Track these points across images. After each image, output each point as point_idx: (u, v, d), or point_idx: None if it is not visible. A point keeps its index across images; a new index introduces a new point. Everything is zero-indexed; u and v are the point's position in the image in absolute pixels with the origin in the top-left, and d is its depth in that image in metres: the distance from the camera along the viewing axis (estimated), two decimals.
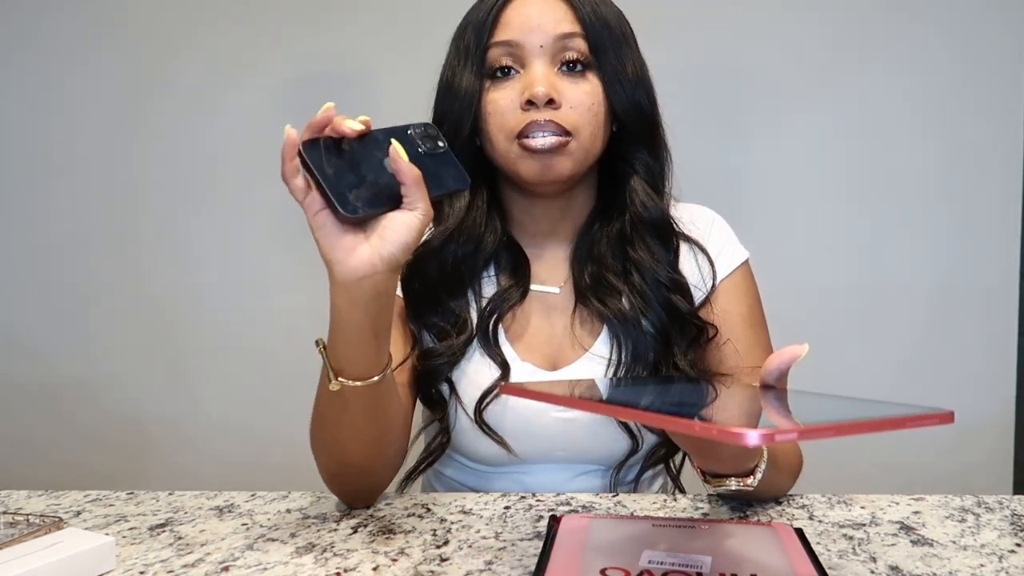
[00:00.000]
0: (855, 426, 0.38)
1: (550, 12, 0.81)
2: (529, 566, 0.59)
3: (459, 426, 0.84)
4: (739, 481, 0.63)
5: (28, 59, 1.76)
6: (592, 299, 0.85)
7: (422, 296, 0.85)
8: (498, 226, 0.88)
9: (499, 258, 0.89)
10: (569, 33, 0.80)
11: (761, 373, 0.53)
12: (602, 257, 0.87)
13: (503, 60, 0.81)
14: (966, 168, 1.59)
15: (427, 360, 0.84)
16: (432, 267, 0.85)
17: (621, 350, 0.84)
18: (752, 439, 0.36)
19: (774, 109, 1.61)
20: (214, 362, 1.76)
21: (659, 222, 0.86)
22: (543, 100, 0.78)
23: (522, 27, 0.80)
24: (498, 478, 0.87)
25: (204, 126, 1.73)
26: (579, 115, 0.80)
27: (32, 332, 1.80)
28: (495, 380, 0.82)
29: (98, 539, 0.59)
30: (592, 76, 0.82)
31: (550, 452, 0.85)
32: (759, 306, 0.90)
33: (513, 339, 0.86)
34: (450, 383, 0.84)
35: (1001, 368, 1.61)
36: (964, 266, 1.60)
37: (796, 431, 0.37)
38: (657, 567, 0.52)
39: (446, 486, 0.92)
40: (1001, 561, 0.60)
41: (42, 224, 1.79)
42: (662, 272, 0.84)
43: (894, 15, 1.58)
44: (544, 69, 0.80)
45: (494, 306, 0.85)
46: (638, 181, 0.86)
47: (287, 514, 0.72)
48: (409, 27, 1.63)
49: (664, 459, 0.87)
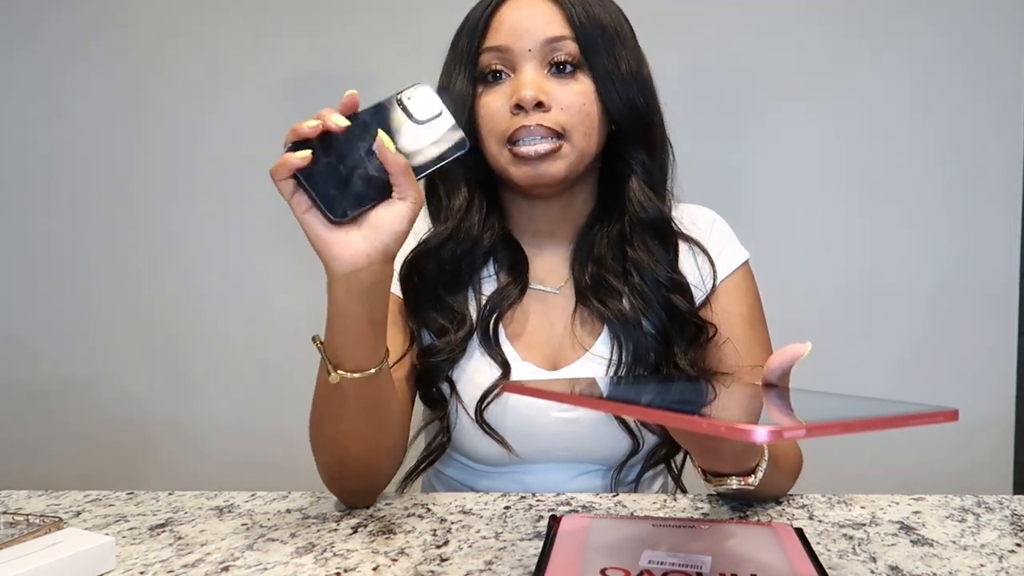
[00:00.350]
0: (861, 424, 0.38)
1: (539, 16, 0.81)
2: (529, 566, 0.59)
3: (460, 426, 0.84)
4: (740, 480, 0.63)
5: (26, 58, 1.76)
6: (593, 300, 0.85)
7: (421, 294, 0.85)
8: (496, 225, 0.88)
9: (498, 256, 0.89)
10: (558, 36, 0.80)
11: (763, 372, 0.53)
12: (602, 258, 0.87)
13: (493, 64, 0.82)
14: (966, 168, 1.59)
15: (427, 357, 0.84)
16: (431, 265, 0.85)
17: (622, 350, 0.84)
18: (760, 436, 0.36)
19: (774, 109, 1.61)
20: (214, 362, 1.76)
21: (657, 222, 0.86)
22: (531, 104, 0.78)
23: (511, 32, 0.81)
24: (499, 478, 0.87)
25: (203, 126, 1.73)
26: (569, 116, 0.80)
27: (31, 333, 1.80)
28: (496, 379, 0.82)
29: (98, 539, 0.59)
30: (583, 77, 0.81)
31: (551, 452, 0.85)
32: (759, 306, 0.90)
33: (513, 339, 0.86)
34: (450, 382, 0.84)
35: (1001, 368, 1.61)
36: (964, 266, 1.60)
37: (803, 428, 0.37)
38: (657, 567, 0.52)
39: (446, 486, 0.92)
40: (1001, 561, 0.60)
41: (41, 224, 1.79)
42: (661, 272, 0.84)
43: (894, 15, 1.58)
44: (533, 73, 0.80)
45: (493, 304, 0.85)
46: (636, 181, 0.86)
47: (287, 514, 0.72)
48: (409, 27, 1.63)
49: (665, 459, 0.87)
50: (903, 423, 0.39)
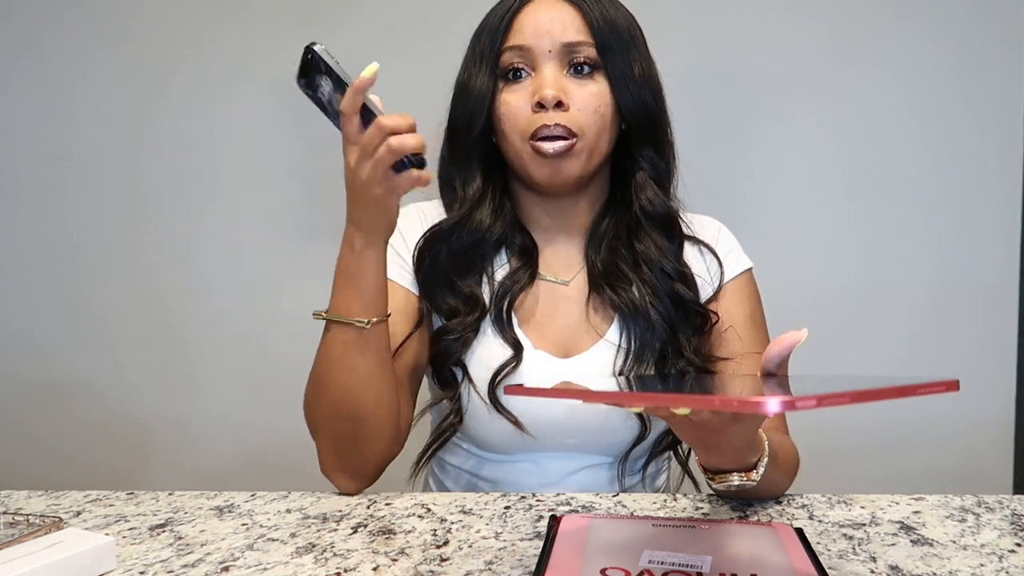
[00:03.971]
0: (869, 394, 0.38)
1: (559, 19, 0.84)
2: (529, 566, 0.59)
3: (471, 409, 0.86)
4: (742, 476, 0.65)
5: (32, 60, 1.76)
6: (605, 287, 0.88)
7: (434, 277, 0.88)
8: (509, 213, 0.91)
9: (510, 244, 0.92)
10: (578, 41, 0.84)
11: (762, 360, 0.54)
12: (614, 248, 0.90)
13: (515, 63, 0.85)
14: (966, 168, 1.59)
15: (440, 338, 0.86)
16: (443, 250, 0.88)
17: (631, 338, 0.87)
18: (772, 406, 0.37)
19: (773, 109, 1.60)
20: (216, 362, 1.76)
21: (663, 217, 0.90)
22: (552, 103, 0.82)
23: (533, 32, 0.84)
24: (506, 466, 0.88)
25: (206, 126, 1.72)
26: (585, 116, 0.84)
27: (34, 331, 1.80)
28: (507, 358, 0.84)
29: (98, 539, 0.59)
30: (600, 77, 0.85)
31: (560, 438, 0.86)
32: (761, 312, 0.94)
33: (525, 325, 0.89)
34: (463, 366, 0.86)
35: (1001, 368, 1.61)
36: (964, 266, 1.60)
37: (814, 398, 0.38)
38: (657, 567, 0.52)
39: (453, 477, 0.93)
40: (1001, 561, 0.60)
41: (45, 224, 1.79)
42: (668, 263, 0.88)
43: (894, 16, 1.58)
44: (553, 72, 0.84)
45: (505, 288, 0.88)
46: (644, 177, 0.90)
47: (287, 514, 0.72)
48: (409, 27, 1.63)
49: (671, 446, 0.89)
50: (910, 392, 0.40)
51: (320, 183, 1.64)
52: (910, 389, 0.40)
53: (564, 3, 0.85)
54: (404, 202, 0.95)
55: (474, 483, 0.91)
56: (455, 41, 0.92)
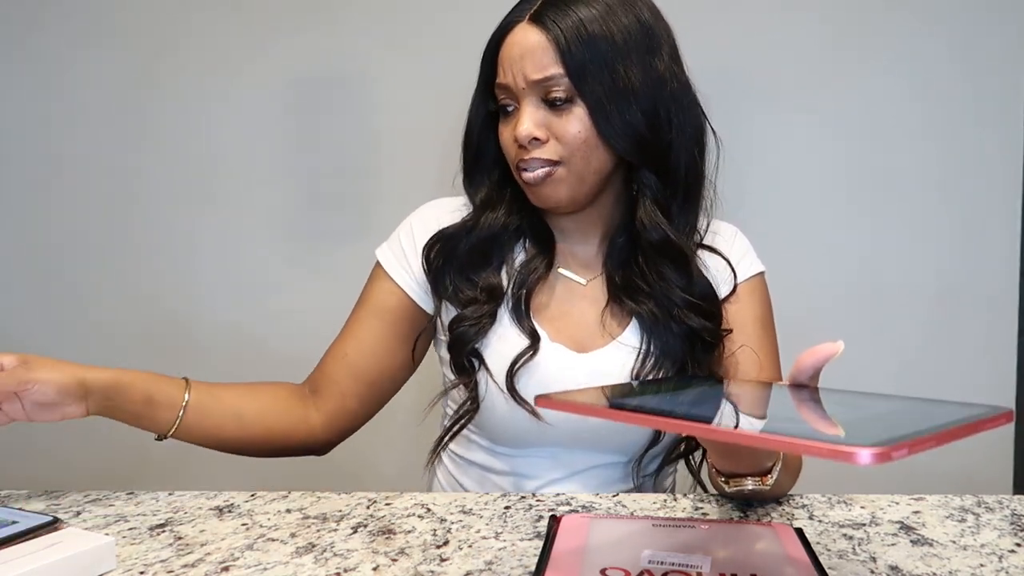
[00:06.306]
0: (948, 435, 0.39)
1: (529, 53, 0.81)
2: (529, 566, 0.59)
3: (488, 400, 0.86)
4: (756, 481, 0.64)
5: (26, 58, 1.76)
6: (624, 298, 0.88)
7: (450, 271, 0.89)
8: (528, 207, 0.91)
9: (527, 232, 0.92)
10: (545, 77, 0.81)
11: (793, 371, 0.52)
12: (628, 266, 0.89)
13: (502, 99, 0.86)
14: (966, 168, 1.59)
15: (457, 325, 0.87)
16: (462, 244, 0.89)
17: (650, 343, 0.87)
18: (864, 458, 0.35)
19: (773, 109, 1.60)
20: (213, 362, 1.75)
21: (662, 244, 0.86)
22: (526, 141, 0.83)
23: (509, 69, 0.83)
24: (520, 460, 0.89)
25: (204, 126, 1.72)
26: (565, 145, 0.83)
27: (31, 331, 1.80)
28: (524, 348, 0.85)
29: (98, 539, 0.59)
30: (577, 106, 0.82)
31: (576, 431, 0.86)
32: (771, 315, 0.94)
33: (541, 317, 0.89)
34: (479, 356, 0.86)
35: (1001, 369, 1.61)
36: (964, 267, 1.60)
37: (906, 446, 0.36)
38: (657, 567, 0.52)
39: (465, 472, 0.93)
40: (1001, 561, 0.60)
41: (41, 224, 1.78)
42: (676, 295, 0.86)
43: (894, 15, 1.58)
44: (530, 108, 0.83)
45: (522, 278, 0.89)
46: (643, 202, 0.86)
47: (287, 514, 0.72)
48: (408, 28, 1.63)
49: (685, 454, 0.89)
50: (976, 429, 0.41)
51: (317, 183, 1.64)
52: (976, 426, 0.41)
53: (535, 29, 0.81)
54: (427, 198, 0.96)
55: (487, 477, 0.91)
56: (454, 40, 0.92)
